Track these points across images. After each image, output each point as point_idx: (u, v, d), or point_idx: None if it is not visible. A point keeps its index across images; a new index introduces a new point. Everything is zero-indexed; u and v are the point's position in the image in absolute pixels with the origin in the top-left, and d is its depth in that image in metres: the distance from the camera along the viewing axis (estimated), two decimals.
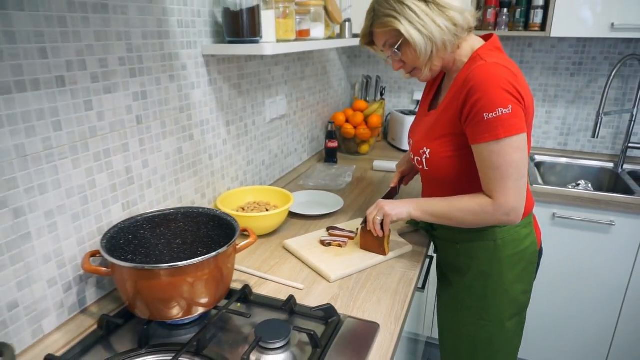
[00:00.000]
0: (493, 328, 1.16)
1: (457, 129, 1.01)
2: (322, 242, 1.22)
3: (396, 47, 1.02)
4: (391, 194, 1.31)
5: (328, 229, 1.29)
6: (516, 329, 1.19)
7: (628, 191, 1.77)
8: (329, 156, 1.98)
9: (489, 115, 0.92)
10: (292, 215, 1.41)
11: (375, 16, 1.03)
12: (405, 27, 0.97)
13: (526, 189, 1.00)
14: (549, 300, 1.88)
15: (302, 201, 1.52)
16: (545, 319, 1.92)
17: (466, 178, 1.04)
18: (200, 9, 1.16)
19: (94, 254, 0.88)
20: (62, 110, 0.82)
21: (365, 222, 1.16)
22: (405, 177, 1.39)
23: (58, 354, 0.80)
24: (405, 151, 2.20)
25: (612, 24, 1.68)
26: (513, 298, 1.14)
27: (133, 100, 0.98)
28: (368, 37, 1.10)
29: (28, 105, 0.77)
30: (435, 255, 1.32)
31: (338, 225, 1.32)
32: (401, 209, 1.09)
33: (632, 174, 1.98)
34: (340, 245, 1.22)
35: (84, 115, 0.87)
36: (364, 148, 2.15)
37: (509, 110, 0.92)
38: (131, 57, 0.96)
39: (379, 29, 1.03)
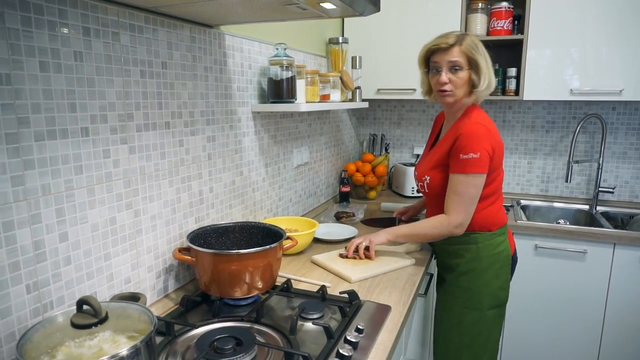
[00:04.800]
0: (475, 314, 1.46)
1: (447, 162, 1.40)
2: (341, 256, 1.54)
3: (457, 68, 1.36)
4: (391, 220, 1.69)
5: (345, 247, 1.60)
6: (495, 320, 1.49)
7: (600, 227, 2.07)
8: (343, 199, 2.32)
9: (463, 156, 1.33)
10: (315, 240, 1.73)
11: (467, 42, 1.35)
12: (482, 62, 1.36)
13: (474, 210, 1.39)
14: (535, 320, 2.11)
15: (323, 231, 1.84)
16: (532, 338, 2.14)
17: None
18: (252, 78, 1.56)
19: (180, 250, 1.20)
20: (166, 145, 1.19)
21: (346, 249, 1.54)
22: (403, 214, 1.87)
23: None
24: (407, 197, 2.54)
25: (571, 90, 2.09)
26: (491, 291, 1.46)
27: (207, 142, 1.35)
28: (428, 54, 1.42)
29: (150, 139, 1.13)
30: (434, 272, 1.62)
31: None
32: (380, 236, 1.50)
33: (604, 214, 2.30)
34: (355, 258, 1.52)
35: (177, 149, 1.23)
36: (372, 194, 2.50)
37: (477, 156, 1.32)
38: (208, 111, 1.34)
39: (464, 49, 1.35)
